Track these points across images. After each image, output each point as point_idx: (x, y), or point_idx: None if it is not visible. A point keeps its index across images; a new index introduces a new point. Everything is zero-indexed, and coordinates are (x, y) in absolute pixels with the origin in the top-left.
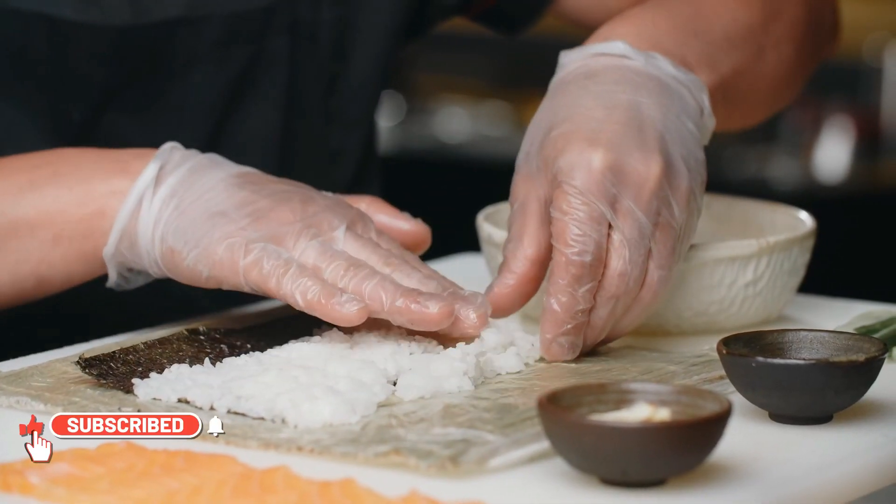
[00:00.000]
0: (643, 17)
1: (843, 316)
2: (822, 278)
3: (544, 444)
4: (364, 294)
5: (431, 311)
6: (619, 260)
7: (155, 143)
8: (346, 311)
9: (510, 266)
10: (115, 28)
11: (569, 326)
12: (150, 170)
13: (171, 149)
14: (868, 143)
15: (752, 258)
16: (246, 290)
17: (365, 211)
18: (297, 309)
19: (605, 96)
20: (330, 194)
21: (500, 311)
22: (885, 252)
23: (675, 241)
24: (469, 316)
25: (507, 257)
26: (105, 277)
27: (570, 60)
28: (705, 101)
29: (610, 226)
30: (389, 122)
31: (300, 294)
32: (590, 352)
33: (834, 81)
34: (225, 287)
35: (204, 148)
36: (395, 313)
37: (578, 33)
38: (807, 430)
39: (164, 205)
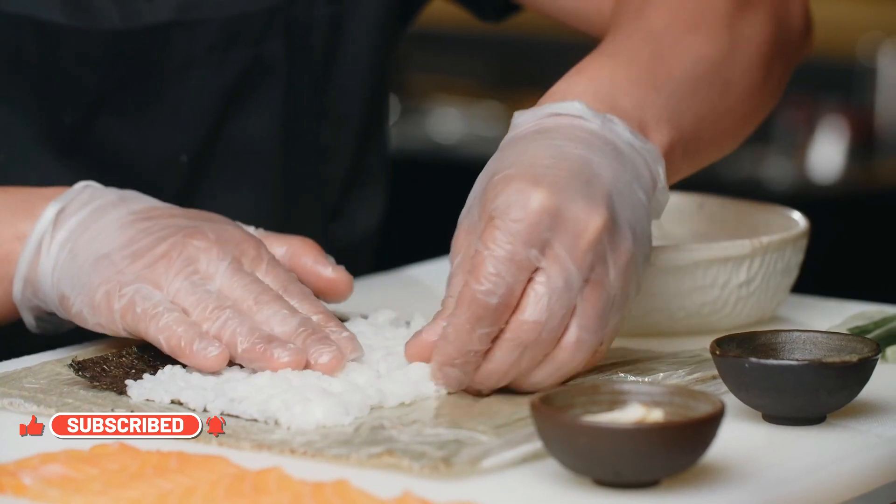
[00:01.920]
0: (601, 72)
1: (836, 316)
2: (816, 278)
3: (537, 445)
4: (223, 338)
5: (279, 360)
6: (534, 307)
7: (149, 147)
8: (204, 357)
9: (444, 317)
10: (105, 32)
11: (461, 361)
12: (49, 213)
13: (81, 188)
14: (862, 144)
15: (745, 258)
16: (124, 335)
17: (287, 253)
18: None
19: (555, 149)
20: (236, 227)
21: (427, 359)
22: (878, 252)
23: (605, 305)
24: (319, 360)
25: (445, 310)
26: None
27: (524, 121)
28: (661, 173)
29: (537, 270)
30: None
31: (164, 339)
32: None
33: (828, 81)
34: (109, 333)
35: (201, 151)
36: (246, 359)
37: (576, 34)
38: (800, 431)
39: (60, 249)
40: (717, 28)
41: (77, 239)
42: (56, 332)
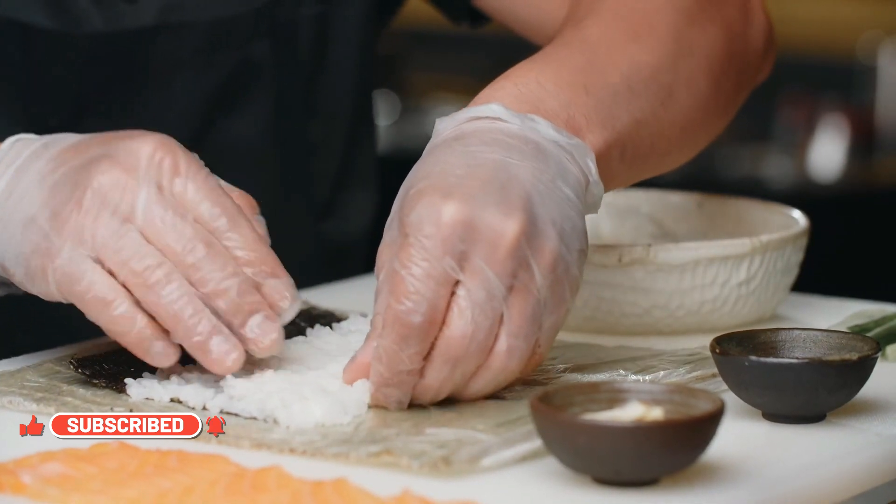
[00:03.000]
0: (527, 76)
1: (836, 315)
2: (816, 277)
3: (537, 444)
4: (163, 319)
5: (219, 363)
6: (458, 321)
7: None
8: (158, 363)
9: (374, 336)
10: (88, 35)
11: (394, 381)
12: None
13: (10, 145)
14: (862, 142)
15: (745, 257)
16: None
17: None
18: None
19: (470, 155)
20: (151, 137)
21: (364, 378)
22: (879, 251)
23: (533, 309)
24: (259, 344)
25: (374, 329)
26: None
27: (444, 127)
28: (591, 167)
29: (458, 283)
30: (384, 121)
31: (116, 338)
32: (583, 349)
33: (828, 80)
34: (60, 300)
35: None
36: (190, 351)
37: None
38: (800, 429)
39: None
40: (661, 37)
41: (4, 204)
42: (18, 293)
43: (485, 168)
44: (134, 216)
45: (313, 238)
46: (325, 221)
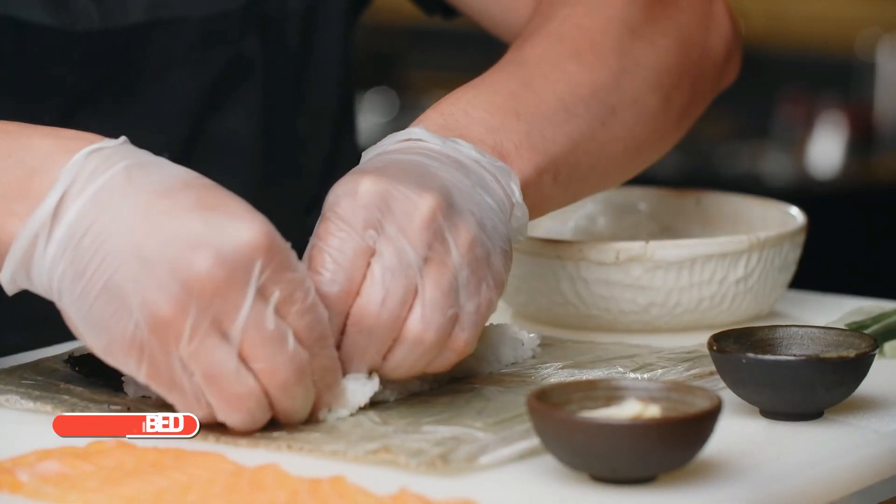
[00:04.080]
0: (455, 104)
1: (833, 312)
2: (814, 274)
3: (534, 441)
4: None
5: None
6: (370, 287)
7: None
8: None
9: None
10: (85, 32)
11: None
12: (49, 202)
13: (86, 155)
14: (861, 139)
15: (742, 254)
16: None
17: None
18: None
19: (388, 158)
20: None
21: None
22: (877, 247)
23: (450, 282)
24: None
25: None
26: None
27: (368, 158)
28: (514, 190)
29: (374, 254)
30: (382, 118)
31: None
32: (580, 347)
33: (827, 77)
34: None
35: (182, 149)
36: None
37: None
38: (797, 427)
39: (59, 253)
40: (605, 54)
41: (79, 241)
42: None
43: (403, 163)
44: (232, 331)
45: (302, 232)
46: (313, 214)
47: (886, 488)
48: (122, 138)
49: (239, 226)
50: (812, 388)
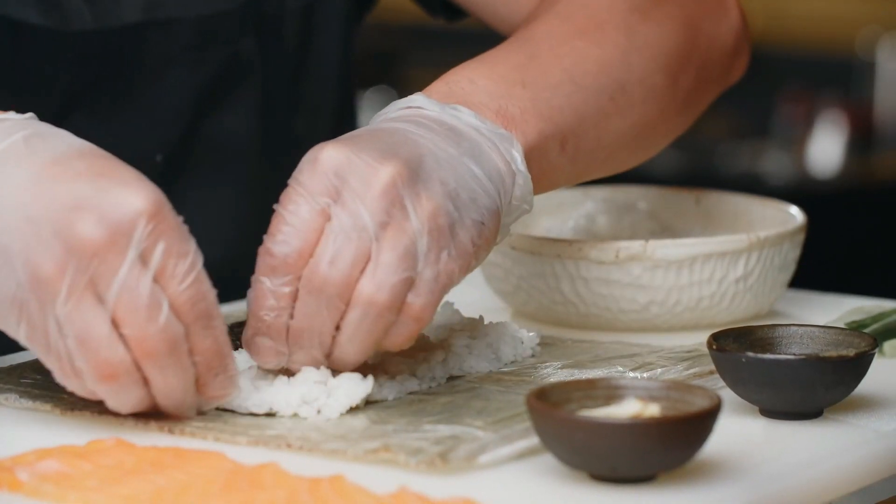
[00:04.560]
0: (459, 73)
1: (833, 311)
2: (814, 273)
3: (534, 440)
4: (122, 410)
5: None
6: (322, 249)
7: (123, 146)
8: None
9: None
10: (78, 32)
11: (264, 325)
12: None
13: None
14: (861, 138)
15: (742, 253)
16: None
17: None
18: None
19: (373, 126)
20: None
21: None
22: (877, 246)
23: (406, 247)
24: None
25: None
26: None
27: (367, 126)
28: (516, 157)
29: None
30: None
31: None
32: (580, 346)
33: (827, 76)
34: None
35: (178, 149)
36: None
37: None
38: (797, 426)
39: None
40: (612, 31)
41: None
42: None
43: (383, 131)
44: (108, 295)
45: None
46: None
47: (886, 487)
48: (30, 114)
49: (126, 191)
50: (812, 388)
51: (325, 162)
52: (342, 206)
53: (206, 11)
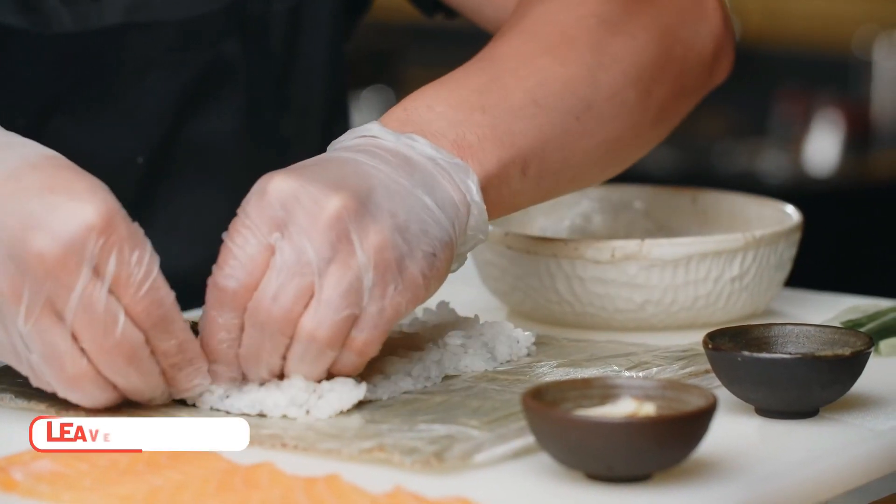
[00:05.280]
0: (418, 99)
1: (829, 310)
2: (811, 272)
3: (529, 440)
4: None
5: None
6: (265, 283)
7: (104, 149)
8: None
9: None
10: (59, 35)
11: (217, 354)
12: None
13: None
14: (858, 137)
15: (738, 252)
16: None
17: None
18: None
19: (326, 157)
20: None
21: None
22: (873, 245)
23: (350, 283)
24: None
25: None
26: None
27: (321, 155)
28: (471, 187)
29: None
30: (378, 117)
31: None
32: (576, 345)
33: (824, 75)
34: None
35: (160, 152)
36: None
37: None
38: (793, 425)
39: None
40: (579, 49)
41: None
42: None
43: (334, 161)
44: (65, 312)
45: None
46: None
47: (881, 486)
48: None
49: (75, 206)
50: (807, 387)
51: (272, 193)
52: (288, 240)
53: (188, 14)
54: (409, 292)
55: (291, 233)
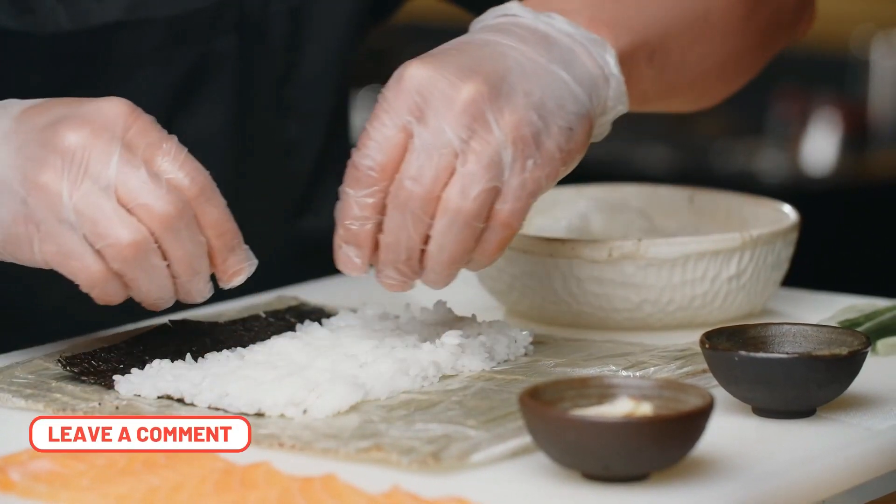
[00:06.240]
0: None
1: (826, 309)
2: (808, 272)
3: (526, 439)
4: (133, 291)
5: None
6: (406, 164)
7: None
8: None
9: None
10: (53, 35)
11: (349, 233)
12: None
13: None
14: (855, 136)
15: (735, 251)
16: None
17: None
18: None
19: (464, 38)
20: (120, 104)
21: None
22: (871, 245)
23: (490, 157)
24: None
25: None
26: None
27: (465, 34)
28: (609, 61)
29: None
30: None
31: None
32: (573, 345)
33: (821, 74)
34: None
35: None
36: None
37: None
38: (790, 424)
39: None
40: None
41: None
42: None
43: (470, 44)
44: (107, 177)
45: (289, 235)
46: (302, 218)
47: (879, 486)
48: None
49: (102, 102)
50: (805, 386)
51: (408, 80)
52: (424, 125)
53: (178, 11)
54: (547, 166)
55: (428, 117)
